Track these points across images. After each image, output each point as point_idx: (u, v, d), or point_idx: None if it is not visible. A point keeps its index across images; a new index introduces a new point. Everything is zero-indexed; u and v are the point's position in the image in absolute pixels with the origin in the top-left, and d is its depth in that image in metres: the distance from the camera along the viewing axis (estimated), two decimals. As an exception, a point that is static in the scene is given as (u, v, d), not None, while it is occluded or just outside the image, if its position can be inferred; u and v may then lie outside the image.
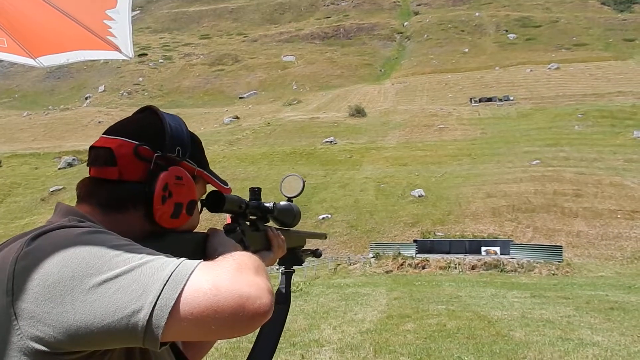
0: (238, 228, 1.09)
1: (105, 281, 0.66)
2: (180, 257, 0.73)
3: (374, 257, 28.82)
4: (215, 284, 0.68)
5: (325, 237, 1.56)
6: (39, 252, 0.69)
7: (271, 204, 1.20)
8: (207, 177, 1.01)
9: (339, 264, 30.20)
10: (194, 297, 0.66)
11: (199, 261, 0.72)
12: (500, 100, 79.85)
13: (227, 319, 0.67)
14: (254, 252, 1.07)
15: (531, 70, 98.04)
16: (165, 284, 0.67)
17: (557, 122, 62.50)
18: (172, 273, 0.68)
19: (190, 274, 0.69)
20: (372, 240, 35.23)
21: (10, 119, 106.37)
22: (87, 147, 0.93)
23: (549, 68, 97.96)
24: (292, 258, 1.31)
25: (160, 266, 0.69)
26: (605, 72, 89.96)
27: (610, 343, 7.18)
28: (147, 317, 0.65)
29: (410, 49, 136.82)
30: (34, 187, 61.22)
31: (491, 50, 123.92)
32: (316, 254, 1.44)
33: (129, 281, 0.67)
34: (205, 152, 1.05)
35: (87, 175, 0.93)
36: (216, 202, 1.03)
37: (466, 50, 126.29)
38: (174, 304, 0.66)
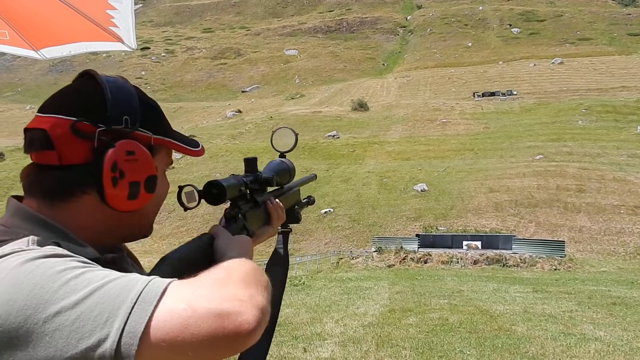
0: (239, 214, 1.01)
1: (63, 309, 0.58)
2: (188, 268, 0.68)
3: (376, 251, 28.84)
4: (190, 302, 0.59)
5: (316, 178, 1.48)
6: None
7: (270, 174, 1.12)
8: (170, 144, 0.87)
9: (341, 258, 30.25)
10: (166, 319, 0.58)
11: (170, 279, 0.63)
12: (503, 94, 79.62)
13: (205, 342, 0.58)
14: (255, 230, 1.04)
15: (535, 65, 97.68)
16: (133, 306, 0.58)
17: (561, 117, 62.32)
18: (140, 293, 0.59)
19: (163, 293, 0.60)
20: (375, 234, 35.26)
21: (13, 112, 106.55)
22: None
23: (553, 62, 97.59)
24: (289, 217, 1.24)
25: (125, 285, 0.60)
26: (609, 67, 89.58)
27: (612, 338, 7.17)
28: (115, 346, 0.56)
29: (413, 43, 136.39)
30: (37, 180, 61.31)
31: (495, 44, 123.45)
32: (310, 201, 1.36)
33: (91, 306, 0.58)
34: (205, 145, 0.95)
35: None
36: (216, 194, 0.94)
37: (469, 44, 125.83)
38: (144, 328, 0.57)
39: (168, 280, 0.63)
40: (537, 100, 74.95)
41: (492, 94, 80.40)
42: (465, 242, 28.56)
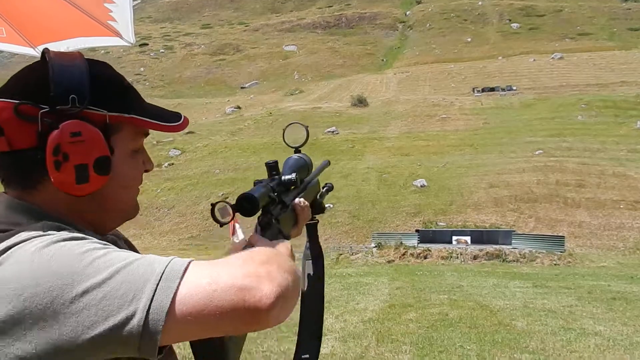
0: (273, 219, 1.02)
1: (89, 288, 0.59)
2: None
3: (375, 247, 28.86)
4: (213, 277, 0.61)
5: (329, 164, 1.48)
6: (7, 268, 0.62)
7: (292, 175, 1.12)
8: (134, 121, 0.81)
9: (340, 254, 30.26)
10: (191, 294, 0.60)
11: (190, 259, 0.66)
12: (503, 90, 79.53)
13: (228, 315, 0.60)
14: (289, 232, 1.07)
15: (534, 60, 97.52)
16: (158, 283, 0.60)
17: (560, 112, 62.26)
18: (163, 270, 0.62)
19: (185, 270, 0.62)
20: (374, 230, 35.28)
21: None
22: None
23: (553, 58, 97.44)
24: (314, 209, 1.27)
25: (149, 264, 0.63)
26: (609, 62, 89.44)
27: (612, 333, 7.19)
28: (142, 322, 0.58)
29: (412, 39, 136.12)
30: (36, 177, 61.32)
31: (494, 39, 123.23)
32: (330, 189, 1.39)
33: (117, 284, 0.59)
34: (205, 141, 0.90)
35: None
36: (248, 206, 0.92)
37: (469, 39, 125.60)
38: (170, 304, 0.59)
39: (188, 259, 0.66)
40: (537, 95, 74.87)
41: (492, 89, 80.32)
42: (455, 237, 28.71)
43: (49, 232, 0.68)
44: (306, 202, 1.19)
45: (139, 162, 0.87)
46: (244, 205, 0.93)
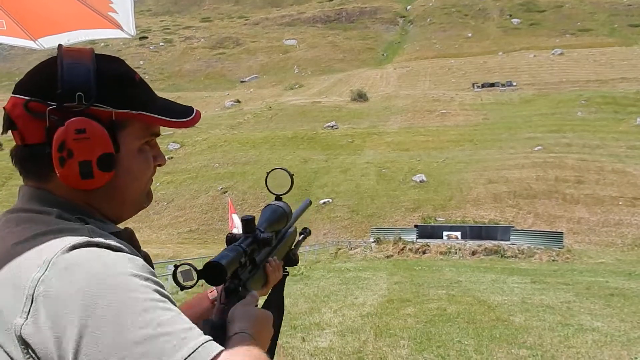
0: (240, 285, 0.95)
1: (123, 341, 0.62)
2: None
3: (374, 241, 28.90)
4: None
5: (310, 204, 1.37)
6: (64, 283, 0.64)
7: (269, 234, 1.02)
8: (143, 117, 0.81)
9: (339, 249, 30.30)
10: None
11: (222, 349, 0.67)
12: (503, 85, 79.50)
13: None
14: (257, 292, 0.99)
15: (535, 56, 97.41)
16: None
17: (560, 108, 62.24)
18: (190, 354, 0.63)
19: None
20: (373, 225, 35.33)
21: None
22: None
23: (553, 53, 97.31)
24: (286, 261, 1.17)
25: (179, 340, 0.64)
26: (609, 58, 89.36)
27: (610, 329, 7.21)
28: None
29: (413, 33, 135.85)
30: (35, 170, 61.29)
31: (495, 35, 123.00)
32: (307, 235, 1.26)
33: (146, 351, 0.62)
34: (204, 135, 0.86)
35: None
36: (216, 274, 0.87)
37: (469, 35, 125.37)
38: None
39: (219, 349, 0.66)
40: (537, 91, 74.84)
41: (492, 84, 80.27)
42: (445, 233, 28.85)
43: (98, 240, 0.70)
44: (278, 263, 1.12)
45: (149, 157, 0.86)
46: (211, 274, 0.87)
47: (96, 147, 0.75)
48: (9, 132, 0.79)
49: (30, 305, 0.63)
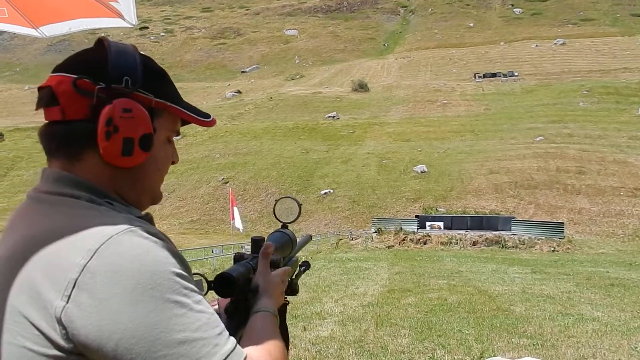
0: (244, 306, 0.97)
1: (159, 342, 0.67)
2: None
3: (375, 232, 28.92)
4: None
5: (311, 239, 1.39)
6: (109, 272, 0.68)
7: (277, 257, 1.06)
8: (173, 109, 0.88)
9: (340, 239, 30.35)
10: None
11: (245, 354, 0.74)
12: (504, 76, 79.18)
13: None
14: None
15: (536, 46, 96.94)
16: None
17: (562, 98, 62.05)
18: None
19: None
20: (374, 215, 35.35)
21: (12, 92, 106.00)
22: None
23: (555, 43, 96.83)
24: (288, 290, 1.17)
25: (213, 346, 0.70)
26: (611, 48, 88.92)
27: (610, 319, 7.24)
28: None
29: (414, 23, 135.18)
30: (36, 160, 61.23)
31: (496, 25, 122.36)
32: (307, 267, 1.26)
33: (177, 353, 0.67)
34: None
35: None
36: (227, 285, 0.90)
37: (471, 24, 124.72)
38: None
39: (244, 354, 0.73)
40: (539, 81, 74.56)
41: (493, 75, 79.96)
42: (428, 223, 28.99)
43: (139, 230, 0.74)
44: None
45: (170, 151, 0.92)
46: (221, 285, 0.91)
47: (139, 126, 0.81)
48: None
49: (72, 290, 0.66)
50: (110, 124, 0.78)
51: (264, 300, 0.90)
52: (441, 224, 28.81)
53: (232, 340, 0.73)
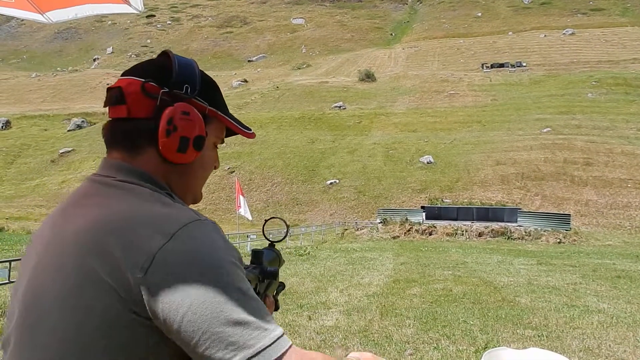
0: None
1: (221, 319, 0.76)
2: None
3: (381, 222, 28.94)
4: None
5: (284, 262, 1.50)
6: (183, 254, 0.78)
7: (275, 269, 1.16)
8: (222, 118, 1.00)
9: (346, 229, 30.39)
10: None
11: (290, 344, 0.80)
12: (512, 66, 78.66)
13: None
14: None
15: (545, 36, 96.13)
16: (253, 357, 0.76)
17: (570, 89, 61.59)
18: (266, 347, 0.77)
19: (281, 355, 0.78)
20: (380, 205, 35.35)
21: (19, 80, 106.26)
22: (96, 110, 0.92)
23: (564, 34, 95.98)
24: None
25: (262, 331, 0.78)
26: (621, 38, 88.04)
27: (616, 310, 7.22)
28: None
29: (421, 13, 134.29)
30: (43, 148, 61.53)
31: (505, 14, 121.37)
32: (283, 287, 1.32)
33: (231, 333, 0.75)
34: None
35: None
36: None
37: (479, 14, 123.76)
38: None
39: (289, 343, 0.80)
40: (547, 72, 74.02)
41: (501, 65, 79.45)
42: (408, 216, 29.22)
43: (207, 224, 0.85)
44: (272, 299, 1.23)
45: (214, 156, 1.04)
46: None
47: (195, 128, 0.92)
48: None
49: (150, 265, 0.76)
50: (171, 123, 0.89)
51: None
52: (423, 215, 29.01)
53: (280, 329, 0.81)
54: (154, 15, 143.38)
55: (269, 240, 1.30)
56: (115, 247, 0.78)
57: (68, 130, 68.55)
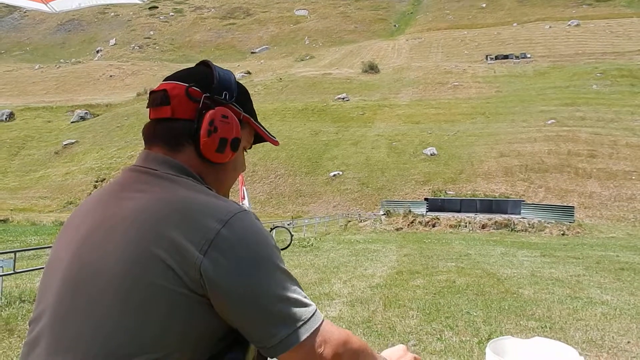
0: None
1: (271, 297, 0.87)
2: None
3: (384, 214, 28.93)
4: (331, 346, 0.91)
5: None
6: (238, 239, 0.87)
7: None
8: (253, 125, 1.10)
9: (349, 221, 30.41)
10: (310, 350, 0.89)
11: (322, 318, 0.92)
12: (517, 57, 78.26)
13: None
14: None
15: (550, 27, 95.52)
16: (298, 328, 0.87)
17: (575, 81, 61.25)
18: (308, 319, 0.89)
19: (317, 328, 0.89)
20: (383, 197, 35.34)
21: (23, 71, 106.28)
22: (99, 102, 0.95)
23: (569, 25, 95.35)
24: None
25: (304, 306, 0.90)
26: (627, 30, 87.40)
27: (619, 302, 7.21)
28: (273, 344, 0.87)
29: (425, 4, 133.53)
30: (47, 140, 61.65)
31: (509, 5, 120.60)
32: None
33: (279, 309, 0.87)
34: None
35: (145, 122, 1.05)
36: None
37: (483, 5, 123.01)
38: (296, 345, 0.87)
39: (322, 317, 0.92)
40: (552, 63, 73.60)
41: (506, 56, 79.05)
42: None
43: (249, 213, 0.92)
44: None
45: (243, 159, 1.13)
46: None
47: (232, 131, 1.01)
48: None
49: (208, 247, 0.84)
50: (212, 124, 0.98)
51: None
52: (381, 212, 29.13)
53: (314, 304, 0.92)
54: (157, 7, 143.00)
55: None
56: (175, 231, 0.85)
57: (71, 122, 68.63)
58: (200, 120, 0.98)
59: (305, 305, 0.90)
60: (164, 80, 1.04)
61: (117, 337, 0.83)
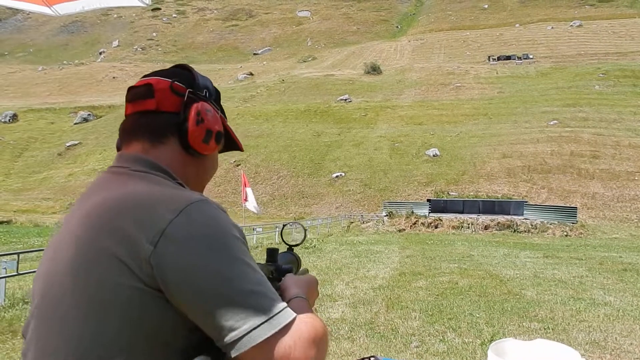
0: None
1: (231, 288, 0.80)
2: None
3: (387, 215, 28.90)
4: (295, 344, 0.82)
5: (307, 272, 1.55)
6: (190, 227, 0.83)
7: (290, 267, 1.20)
8: (227, 126, 1.12)
9: (352, 222, 30.38)
10: (275, 346, 0.81)
11: (295, 315, 0.84)
12: (519, 58, 78.18)
13: None
14: None
15: (552, 28, 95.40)
16: (261, 323, 0.80)
17: (577, 81, 61.15)
18: (272, 317, 0.81)
19: (287, 324, 0.82)
20: (386, 198, 35.32)
21: (26, 73, 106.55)
22: (102, 103, 0.96)
23: (571, 25, 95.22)
24: None
25: (270, 301, 0.82)
26: (629, 30, 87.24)
27: (622, 303, 7.20)
28: (232, 340, 0.79)
29: (428, 5, 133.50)
30: (50, 141, 61.79)
31: (512, 6, 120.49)
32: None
33: (240, 300, 0.80)
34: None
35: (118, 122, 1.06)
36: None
37: (486, 6, 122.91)
38: (260, 342, 0.79)
39: (294, 314, 0.84)
40: (554, 64, 73.51)
41: (508, 57, 78.98)
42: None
43: (211, 205, 0.89)
44: None
45: (217, 159, 1.15)
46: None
47: (216, 124, 1.04)
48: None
49: (159, 238, 0.81)
50: (199, 115, 1.00)
51: (294, 290, 1.02)
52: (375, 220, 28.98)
53: (284, 302, 0.85)
54: (160, 9, 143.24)
55: (287, 244, 1.33)
56: (127, 224, 0.83)
57: (74, 124, 68.78)
58: (186, 112, 1.00)
59: (273, 300, 0.83)
60: (145, 76, 1.07)
61: (84, 342, 0.80)
